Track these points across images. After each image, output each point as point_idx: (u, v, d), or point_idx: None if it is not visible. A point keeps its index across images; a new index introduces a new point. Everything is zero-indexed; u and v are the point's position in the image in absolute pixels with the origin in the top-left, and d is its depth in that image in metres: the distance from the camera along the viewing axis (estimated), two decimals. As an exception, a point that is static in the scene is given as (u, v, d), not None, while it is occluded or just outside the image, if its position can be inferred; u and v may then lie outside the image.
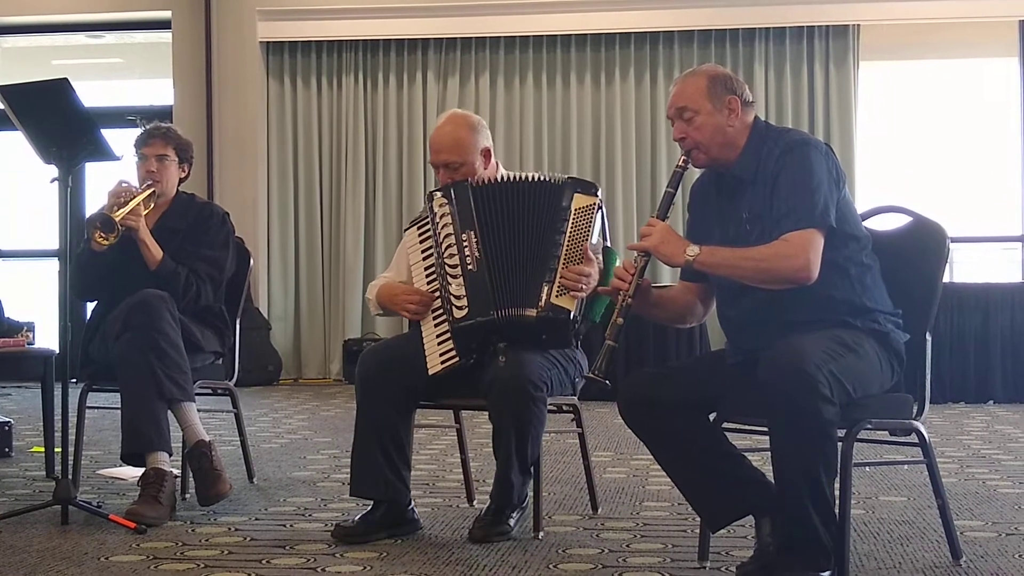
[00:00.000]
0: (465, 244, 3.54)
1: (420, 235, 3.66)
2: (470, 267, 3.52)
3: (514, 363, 3.44)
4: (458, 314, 3.50)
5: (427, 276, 3.61)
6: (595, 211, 3.54)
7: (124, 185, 4.16)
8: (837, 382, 2.81)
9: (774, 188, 3.01)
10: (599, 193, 3.59)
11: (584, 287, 3.46)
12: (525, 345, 3.49)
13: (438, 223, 3.59)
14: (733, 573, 3.10)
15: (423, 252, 3.64)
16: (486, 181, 3.66)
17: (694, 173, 3.27)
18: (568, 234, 3.50)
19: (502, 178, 3.69)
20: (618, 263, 3.52)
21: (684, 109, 3.09)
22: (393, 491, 3.56)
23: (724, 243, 3.04)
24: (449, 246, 3.56)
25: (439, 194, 3.64)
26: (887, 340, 3.04)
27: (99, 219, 4.04)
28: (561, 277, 3.46)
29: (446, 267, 3.55)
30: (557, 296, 3.46)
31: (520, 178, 3.65)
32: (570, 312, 3.46)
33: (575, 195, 3.54)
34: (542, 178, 3.63)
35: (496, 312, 3.48)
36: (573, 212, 3.52)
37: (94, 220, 4.05)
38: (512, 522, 3.60)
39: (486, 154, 3.75)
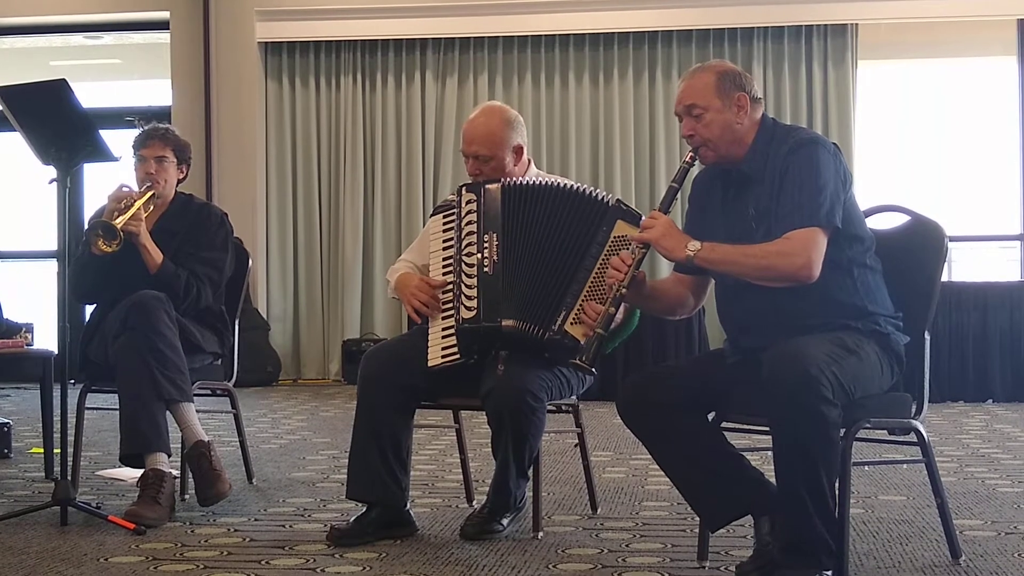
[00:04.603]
0: (486, 245, 3.47)
1: (444, 225, 3.60)
2: (486, 269, 3.45)
3: (514, 372, 3.40)
4: (465, 314, 3.44)
5: (444, 267, 3.56)
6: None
7: (124, 190, 4.16)
8: (839, 384, 2.81)
9: (781, 186, 2.99)
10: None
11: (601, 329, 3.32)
12: (526, 354, 3.45)
13: (463, 218, 3.52)
14: (732, 573, 3.10)
15: (444, 242, 3.58)
16: (521, 183, 3.55)
17: (698, 165, 3.23)
18: (600, 261, 3.36)
19: (541, 183, 3.55)
20: (637, 314, 3.49)
21: (693, 106, 3.06)
22: (388, 494, 3.53)
23: (729, 239, 3.02)
24: (470, 244, 3.48)
25: (468, 189, 3.56)
26: (888, 342, 3.04)
27: (101, 227, 4.03)
28: (581, 307, 3.33)
29: (463, 264, 3.48)
30: (572, 324, 3.36)
31: (562, 185, 3.51)
32: (579, 342, 3.33)
33: (618, 222, 3.40)
34: (587, 191, 3.49)
35: (503, 321, 3.42)
36: (611, 240, 3.39)
37: (96, 228, 4.04)
38: (505, 522, 3.60)
39: (518, 151, 3.67)
